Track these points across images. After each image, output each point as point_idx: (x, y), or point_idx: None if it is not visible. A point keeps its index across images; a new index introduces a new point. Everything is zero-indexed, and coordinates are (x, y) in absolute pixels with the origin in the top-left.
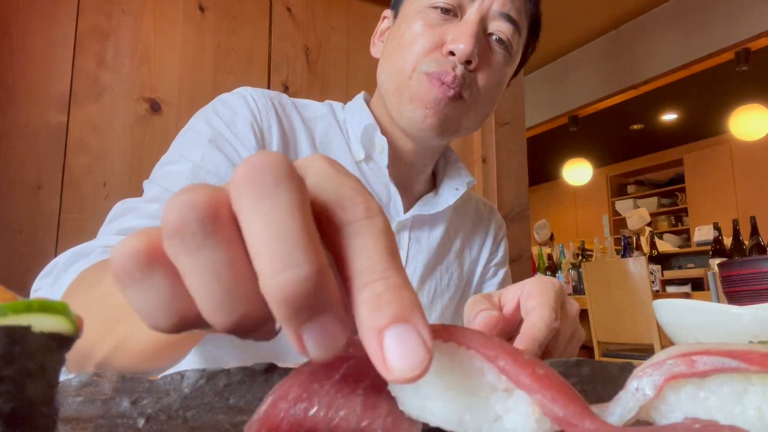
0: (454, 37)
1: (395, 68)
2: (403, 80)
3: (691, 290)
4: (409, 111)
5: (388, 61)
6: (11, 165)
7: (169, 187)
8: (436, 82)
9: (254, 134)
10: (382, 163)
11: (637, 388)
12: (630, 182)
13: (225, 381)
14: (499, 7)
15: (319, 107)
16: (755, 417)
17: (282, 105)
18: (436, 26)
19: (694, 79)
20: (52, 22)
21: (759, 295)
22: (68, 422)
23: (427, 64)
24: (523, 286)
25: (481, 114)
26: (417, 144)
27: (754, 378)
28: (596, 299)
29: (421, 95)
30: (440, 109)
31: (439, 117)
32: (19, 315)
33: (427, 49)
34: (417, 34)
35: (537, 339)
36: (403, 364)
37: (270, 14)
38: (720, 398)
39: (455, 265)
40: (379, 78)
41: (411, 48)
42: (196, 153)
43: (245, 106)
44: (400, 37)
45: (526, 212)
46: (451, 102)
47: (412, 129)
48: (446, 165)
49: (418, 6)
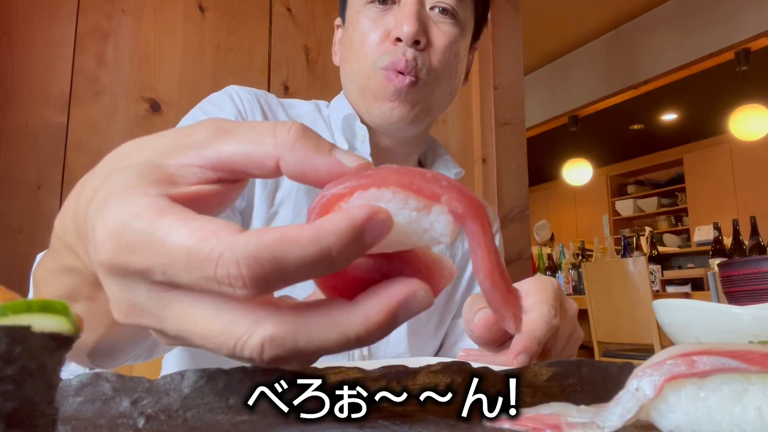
0: (396, 22)
1: (353, 71)
2: (363, 80)
3: (691, 290)
4: (376, 108)
5: (346, 66)
6: (11, 165)
7: None
8: (392, 74)
9: None
10: (364, 153)
11: (637, 388)
12: (630, 182)
13: (225, 381)
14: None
15: (304, 105)
16: (755, 417)
17: (268, 103)
18: (378, 19)
19: (694, 79)
20: (52, 22)
21: (759, 295)
22: (68, 422)
23: (380, 58)
24: (522, 285)
25: (448, 89)
26: (393, 136)
27: (754, 378)
28: (596, 299)
29: (382, 91)
30: (404, 98)
31: (405, 105)
32: (19, 315)
33: (376, 44)
34: (364, 32)
35: (536, 335)
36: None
37: (270, 14)
38: (720, 398)
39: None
40: (343, 83)
41: (362, 47)
42: None
43: (230, 103)
44: (350, 41)
45: (526, 212)
46: (412, 88)
47: (384, 124)
48: (434, 158)
49: (358, 6)
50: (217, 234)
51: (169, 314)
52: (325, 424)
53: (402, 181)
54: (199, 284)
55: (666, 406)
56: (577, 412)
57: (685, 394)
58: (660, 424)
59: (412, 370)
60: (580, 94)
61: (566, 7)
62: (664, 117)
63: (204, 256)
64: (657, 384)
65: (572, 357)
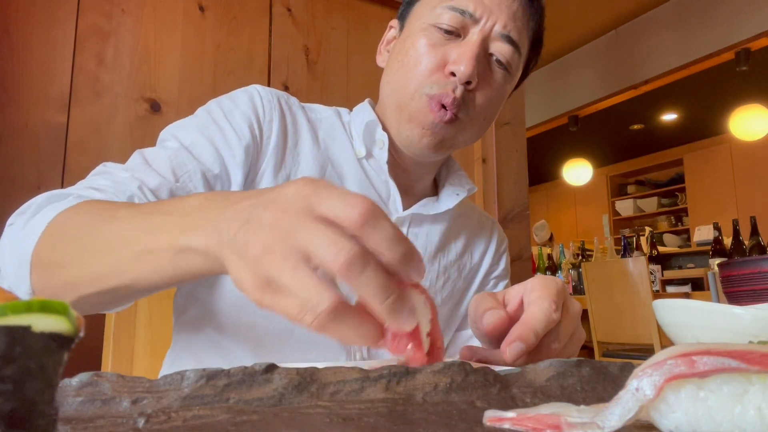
0: (456, 58)
1: (398, 86)
2: (405, 99)
3: (691, 290)
4: (407, 130)
5: (391, 77)
6: (11, 165)
7: (150, 160)
8: (436, 106)
9: (249, 125)
10: (381, 159)
11: (637, 388)
12: (630, 182)
13: (225, 381)
14: (501, 28)
15: (325, 110)
16: (755, 417)
17: (289, 104)
18: (438, 46)
19: (694, 79)
20: (52, 22)
21: (759, 295)
22: (68, 422)
23: (430, 86)
24: (526, 283)
25: (478, 129)
26: (412, 156)
27: (754, 378)
28: (596, 299)
29: (420, 117)
30: (437, 131)
31: (435, 137)
32: (19, 315)
33: (429, 70)
34: (421, 54)
35: (533, 328)
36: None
37: (270, 14)
38: (720, 398)
39: (454, 269)
40: (382, 91)
41: (415, 68)
42: (188, 137)
43: (248, 100)
44: (404, 54)
45: (526, 212)
46: (447, 124)
47: (409, 147)
48: (448, 172)
49: (422, 24)
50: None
51: (288, 266)
52: (325, 423)
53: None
54: (328, 257)
55: (666, 406)
56: (577, 412)
57: (685, 394)
58: (660, 424)
59: (412, 370)
60: (580, 94)
61: (566, 7)
62: (664, 117)
63: (341, 242)
64: (657, 384)
65: (573, 357)
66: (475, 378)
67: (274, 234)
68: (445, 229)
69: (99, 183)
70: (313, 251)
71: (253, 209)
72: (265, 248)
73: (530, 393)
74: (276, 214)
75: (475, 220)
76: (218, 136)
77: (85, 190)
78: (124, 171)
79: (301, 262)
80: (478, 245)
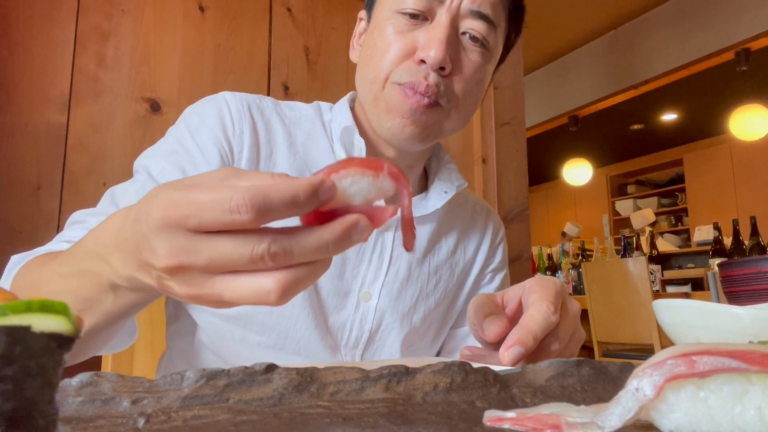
0: (424, 43)
1: (369, 78)
2: (378, 91)
3: (691, 290)
4: (387, 121)
5: (363, 70)
6: (11, 165)
7: (118, 201)
8: (410, 92)
9: (217, 145)
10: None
11: (637, 388)
12: (630, 182)
13: (225, 381)
14: (469, 4)
15: (304, 108)
16: (755, 417)
17: (261, 109)
18: (406, 32)
19: (694, 79)
20: (52, 22)
21: (759, 295)
22: (68, 422)
23: (399, 74)
24: (525, 284)
25: (464, 114)
26: (398, 150)
27: (754, 378)
28: (596, 299)
29: (396, 106)
30: (417, 117)
31: (418, 125)
32: (19, 315)
33: (399, 58)
34: (387, 43)
35: (532, 331)
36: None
37: (270, 14)
38: (720, 398)
39: (445, 268)
40: (358, 86)
41: (383, 57)
42: (156, 166)
43: (216, 114)
44: (372, 45)
45: (526, 212)
46: (428, 109)
47: (393, 139)
48: (438, 165)
49: (387, 12)
50: (230, 185)
51: (203, 248)
52: (325, 423)
53: (360, 163)
54: (221, 218)
55: (666, 406)
56: (577, 412)
57: (685, 394)
58: (660, 424)
59: (412, 370)
60: (580, 94)
61: (566, 7)
62: (664, 117)
63: (222, 198)
64: (657, 384)
65: (573, 357)
66: (475, 378)
67: (178, 257)
68: (434, 228)
69: (70, 235)
70: (225, 265)
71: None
72: (181, 273)
73: (530, 393)
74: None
75: (468, 211)
76: (186, 161)
77: (57, 244)
78: (94, 216)
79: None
80: (471, 239)
